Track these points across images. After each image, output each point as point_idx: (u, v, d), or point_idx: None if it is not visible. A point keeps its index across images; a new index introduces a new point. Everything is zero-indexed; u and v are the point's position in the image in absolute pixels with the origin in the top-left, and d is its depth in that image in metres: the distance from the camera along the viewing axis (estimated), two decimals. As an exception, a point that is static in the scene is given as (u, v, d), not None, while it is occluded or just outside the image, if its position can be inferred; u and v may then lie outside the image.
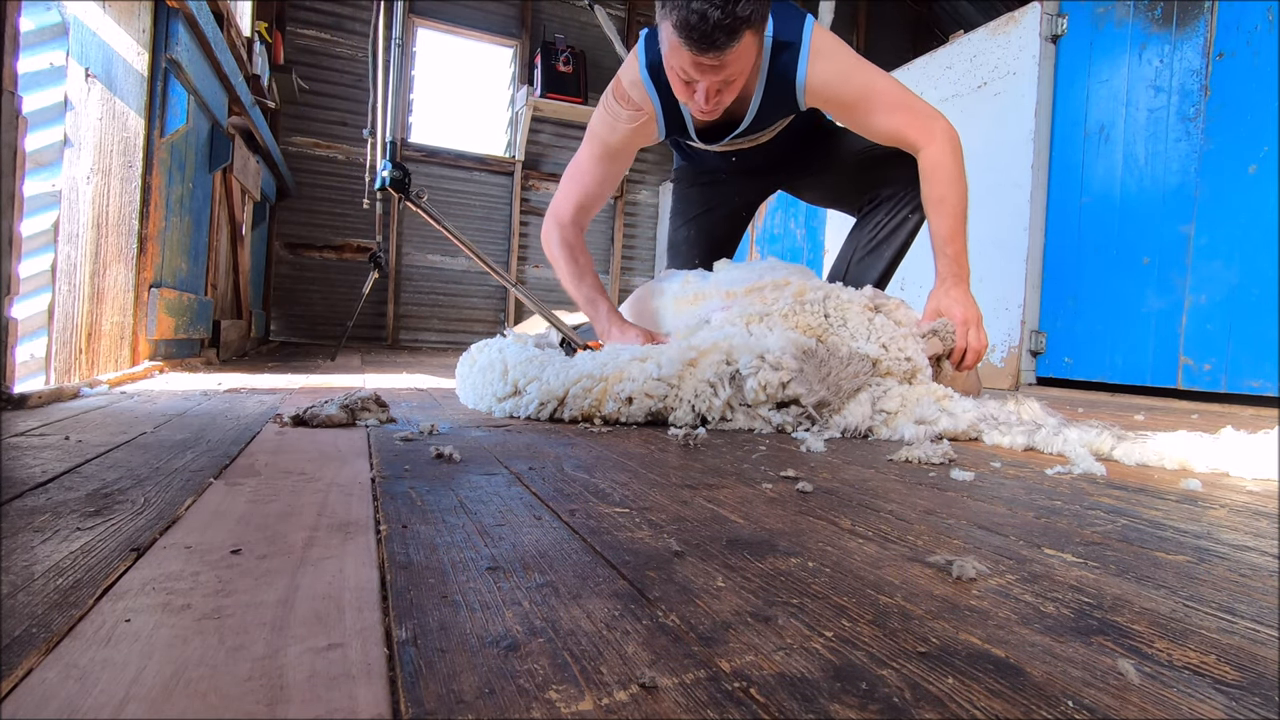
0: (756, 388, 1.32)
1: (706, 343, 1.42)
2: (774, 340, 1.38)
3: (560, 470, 0.89)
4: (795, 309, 1.49)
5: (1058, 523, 0.71)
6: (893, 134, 1.71)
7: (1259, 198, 2.33)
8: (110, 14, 1.89)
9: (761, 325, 1.47)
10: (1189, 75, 2.54)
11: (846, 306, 1.49)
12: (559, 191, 1.88)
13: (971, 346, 1.57)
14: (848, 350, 1.41)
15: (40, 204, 1.80)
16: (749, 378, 1.33)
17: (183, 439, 1.01)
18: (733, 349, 1.39)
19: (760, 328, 1.46)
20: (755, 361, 1.34)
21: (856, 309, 1.50)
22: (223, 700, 0.32)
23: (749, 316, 1.50)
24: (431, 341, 5.77)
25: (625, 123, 1.74)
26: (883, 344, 1.43)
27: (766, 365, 1.33)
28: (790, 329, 1.44)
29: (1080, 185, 2.91)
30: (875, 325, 1.46)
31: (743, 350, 1.37)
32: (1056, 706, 0.34)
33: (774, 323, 1.47)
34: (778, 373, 1.32)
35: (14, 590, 0.44)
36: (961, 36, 3.39)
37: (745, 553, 0.57)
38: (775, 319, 1.48)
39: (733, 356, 1.38)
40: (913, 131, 1.68)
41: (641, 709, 0.33)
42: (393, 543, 0.56)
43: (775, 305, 1.52)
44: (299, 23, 5.22)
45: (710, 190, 2.20)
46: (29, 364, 1.80)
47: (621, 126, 1.75)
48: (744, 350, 1.37)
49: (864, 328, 1.46)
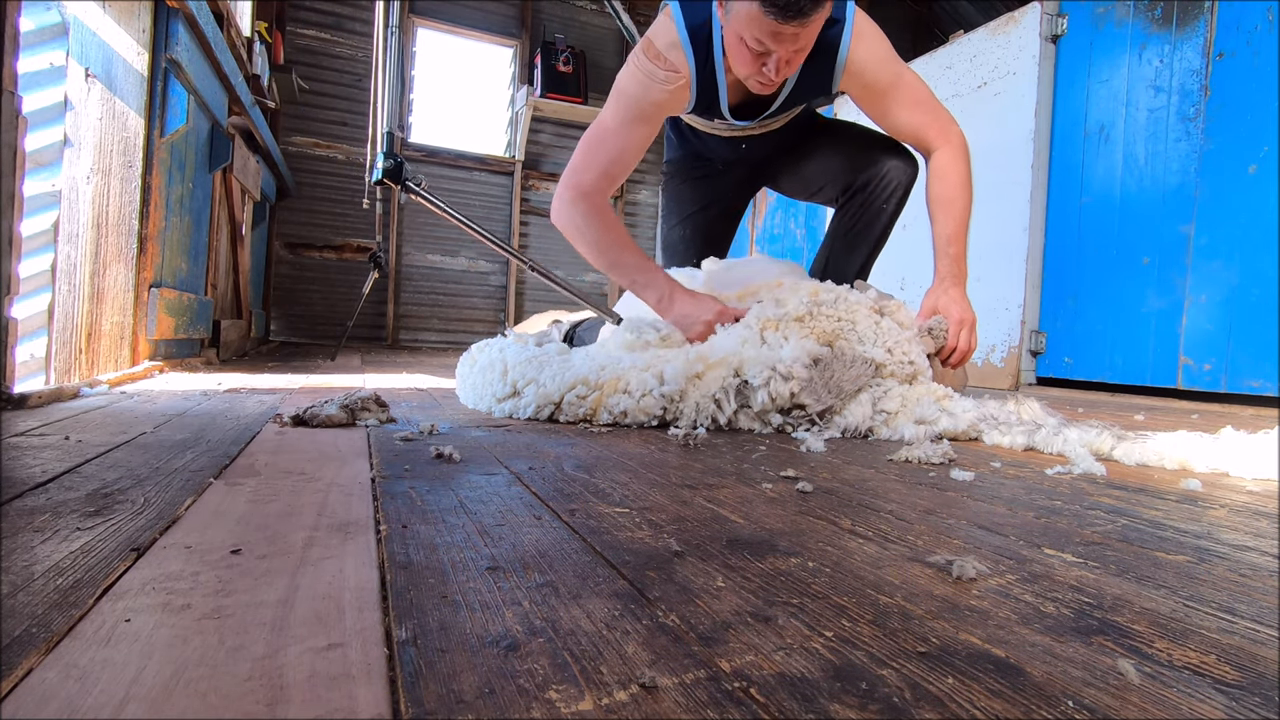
0: (766, 400, 1.31)
1: (717, 353, 1.39)
2: (788, 350, 1.35)
3: (560, 470, 0.89)
4: (812, 311, 1.46)
5: (1058, 523, 0.71)
6: (912, 130, 1.70)
7: (1259, 198, 2.33)
8: (110, 14, 1.89)
9: (777, 333, 1.43)
10: (1189, 75, 2.54)
11: (855, 309, 1.48)
12: (577, 160, 1.66)
13: (961, 348, 1.59)
14: (853, 354, 1.40)
15: (40, 204, 1.80)
16: (759, 390, 1.31)
17: (183, 439, 1.01)
18: (744, 362, 1.35)
19: (776, 335, 1.42)
20: (766, 373, 1.32)
21: (864, 312, 1.48)
22: (223, 700, 0.32)
23: (765, 321, 1.46)
24: (431, 341, 5.77)
25: (661, 83, 1.62)
26: (888, 348, 1.42)
27: (778, 376, 1.31)
28: (805, 336, 1.41)
29: (1080, 185, 2.91)
30: (882, 329, 1.45)
31: (755, 363, 1.35)
32: (1056, 706, 0.34)
33: (790, 329, 1.43)
34: (789, 383, 1.31)
35: (14, 590, 0.44)
36: (961, 36, 3.39)
37: (745, 553, 0.57)
38: (790, 323, 1.44)
39: (742, 370, 1.35)
40: (932, 132, 1.68)
41: (641, 709, 0.33)
42: (393, 543, 0.56)
43: (789, 307, 1.48)
44: (299, 23, 5.22)
45: (705, 185, 2.14)
46: (29, 364, 1.80)
47: (657, 87, 1.62)
48: (756, 362, 1.34)
49: (871, 331, 1.45)
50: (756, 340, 1.42)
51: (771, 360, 1.35)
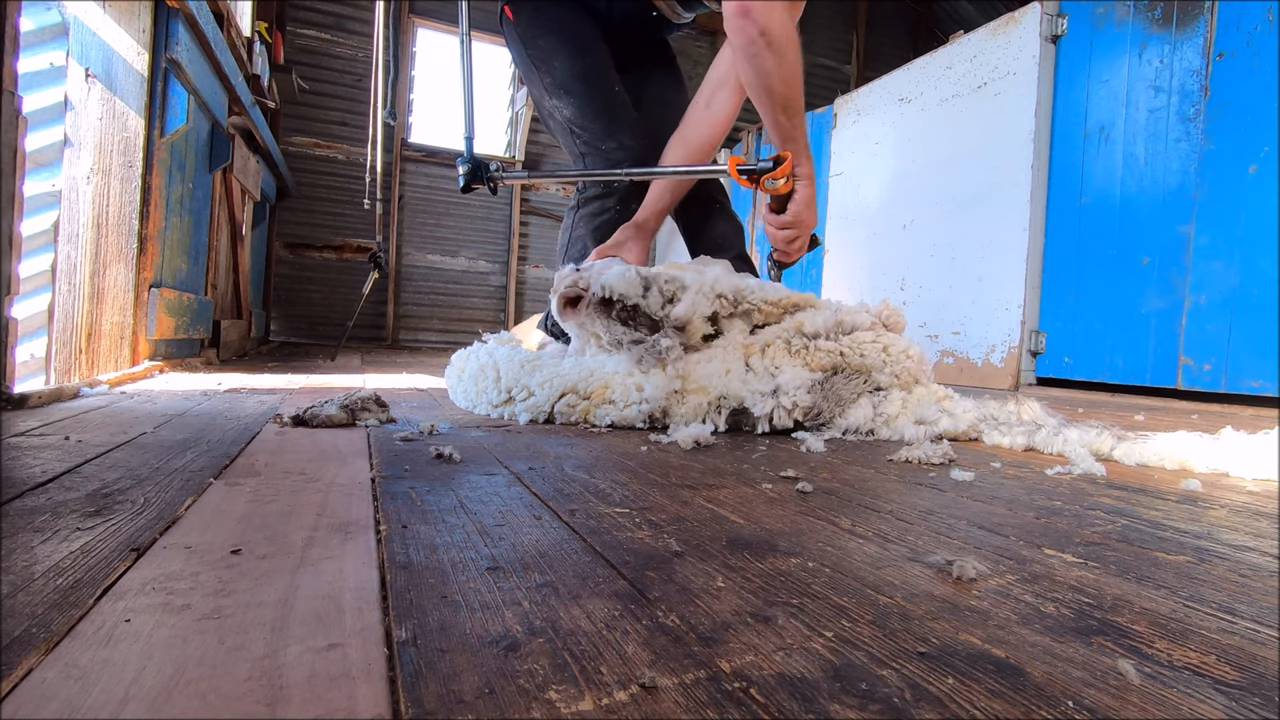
0: (766, 427, 1.31)
1: (698, 379, 1.35)
2: (785, 378, 1.33)
3: (560, 470, 0.89)
4: (805, 346, 1.40)
5: (1058, 523, 0.71)
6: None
7: (1259, 198, 2.33)
8: (110, 14, 1.89)
9: (764, 359, 1.39)
10: (1189, 75, 2.54)
11: (863, 345, 1.40)
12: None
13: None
14: (855, 373, 1.39)
15: (40, 204, 1.80)
16: (760, 419, 1.31)
17: (183, 439, 1.01)
18: (728, 394, 1.33)
19: (762, 362, 1.38)
20: (769, 403, 1.30)
21: (870, 338, 1.42)
22: (223, 700, 0.32)
23: (748, 347, 1.42)
24: (431, 341, 5.77)
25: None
26: (895, 373, 1.40)
27: (780, 407, 1.30)
28: (799, 366, 1.36)
29: (1080, 185, 2.91)
30: (891, 356, 1.40)
31: (742, 394, 1.32)
32: (1056, 707, 0.34)
33: (779, 358, 1.39)
34: (792, 413, 1.30)
35: (14, 590, 0.44)
36: (961, 37, 3.39)
37: (745, 553, 0.57)
38: (780, 353, 1.39)
39: (725, 403, 1.33)
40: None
41: (641, 709, 0.33)
42: (393, 543, 0.56)
43: (775, 331, 1.45)
44: (299, 23, 5.22)
45: (588, 21, 1.71)
46: (29, 364, 1.80)
47: None
48: (744, 394, 1.32)
49: (880, 358, 1.40)
50: (742, 372, 1.37)
51: (765, 389, 1.32)
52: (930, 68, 3.52)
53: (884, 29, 7.19)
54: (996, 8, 5.96)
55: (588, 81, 1.73)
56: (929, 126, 3.51)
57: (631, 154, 1.74)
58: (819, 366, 1.37)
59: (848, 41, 7.05)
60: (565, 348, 1.72)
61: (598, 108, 1.74)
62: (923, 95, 3.55)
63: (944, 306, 3.36)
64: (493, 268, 5.95)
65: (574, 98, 1.75)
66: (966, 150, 3.30)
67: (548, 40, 1.75)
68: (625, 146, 1.75)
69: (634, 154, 1.74)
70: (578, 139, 1.78)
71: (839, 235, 4.13)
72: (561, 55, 1.74)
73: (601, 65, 1.74)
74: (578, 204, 1.93)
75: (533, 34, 1.76)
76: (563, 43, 1.74)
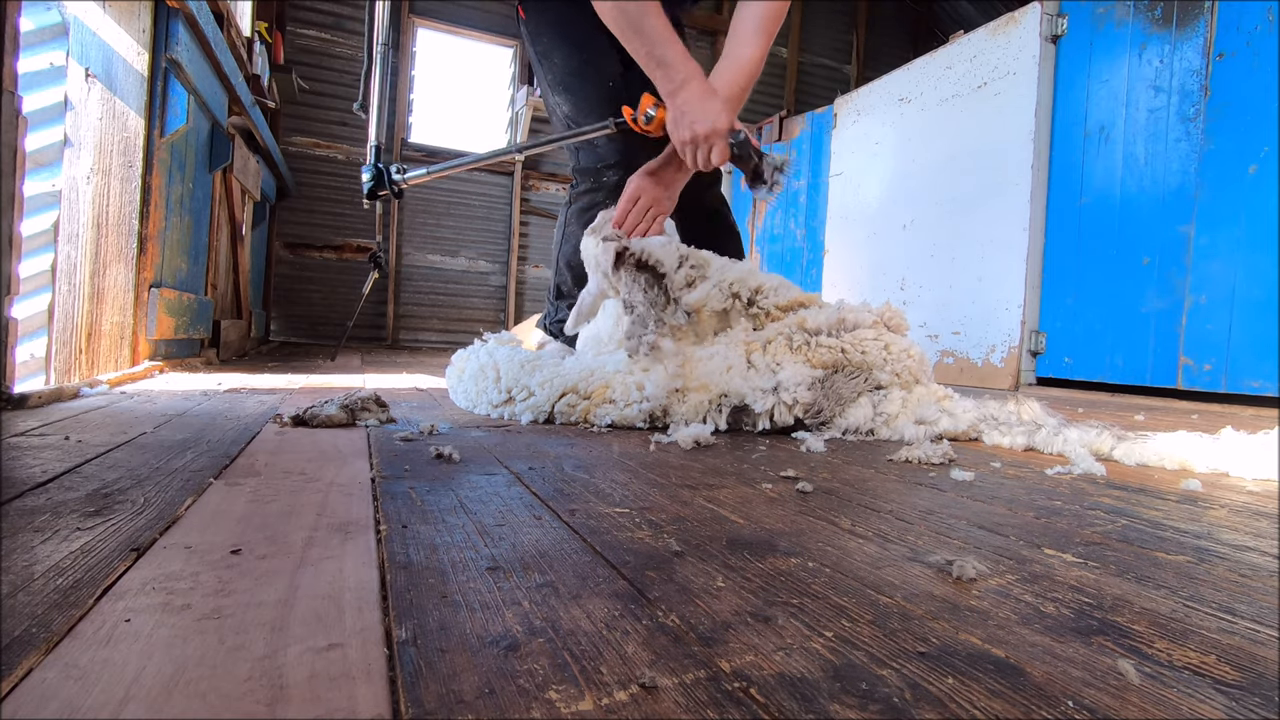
0: (767, 424, 1.31)
1: (699, 376, 1.35)
2: (785, 375, 1.33)
3: (560, 470, 0.89)
4: (807, 342, 1.40)
5: (1058, 523, 0.71)
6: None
7: (1259, 198, 2.33)
8: (110, 14, 1.89)
9: (765, 356, 1.39)
10: (1189, 75, 2.54)
11: (865, 342, 1.41)
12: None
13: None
14: (856, 371, 1.39)
15: (40, 204, 1.80)
16: (760, 416, 1.31)
17: (183, 439, 1.01)
18: (729, 391, 1.33)
19: (764, 359, 1.38)
20: (770, 400, 1.31)
21: (871, 336, 1.42)
22: (223, 700, 0.32)
23: (750, 344, 1.42)
24: (431, 341, 5.77)
25: None
26: (895, 372, 1.40)
27: (781, 403, 1.31)
28: (800, 362, 1.37)
29: (1080, 185, 2.91)
30: (893, 355, 1.40)
31: (744, 391, 1.32)
32: (1056, 707, 0.34)
33: (781, 354, 1.39)
34: (793, 409, 1.30)
35: (14, 590, 0.44)
36: (961, 37, 3.39)
37: (745, 553, 0.57)
38: (781, 349, 1.39)
39: (726, 401, 1.33)
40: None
41: (641, 709, 0.33)
42: (393, 543, 0.56)
43: (776, 328, 1.45)
44: (299, 23, 5.22)
45: (590, 15, 1.61)
46: (29, 364, 1.80)
47: None
48: (745, 391, 1.32)
49: (881, 356, 1.40)
50: (743, 368, 1.37)
51: (765, 385, 1.32)
52: (930, 68, 3.53)
53: (884, 29, 7.19)
54: (996, 8, 5.96)
55: (583, 77, 1.72)
56: (929, 126, 3.51)
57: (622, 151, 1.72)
58: (820, 363, 1.37)
59: (848, 41, 7.06)
60: (565, 348, 1.72)
61: (592, 103, 1.72)
62: (923, 95, 3.55)
63: (944, 306, 3.36)
64: (493, 268, 5.95)
65: (571, 94, 1.74)
66: (966, 150, 3.30)
67: (549, 36, 1.74)
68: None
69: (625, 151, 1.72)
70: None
71: (839, 235, 4.13)
72: (560, 52, 1.72)
73: (599, 59, 1.70)
74: (570, 199, 1.91)
75: (538, 31, 1.76)
76: (562, 39, 1.72)
